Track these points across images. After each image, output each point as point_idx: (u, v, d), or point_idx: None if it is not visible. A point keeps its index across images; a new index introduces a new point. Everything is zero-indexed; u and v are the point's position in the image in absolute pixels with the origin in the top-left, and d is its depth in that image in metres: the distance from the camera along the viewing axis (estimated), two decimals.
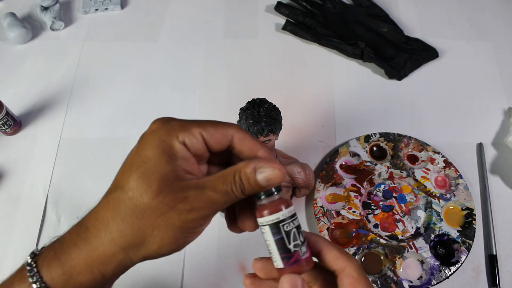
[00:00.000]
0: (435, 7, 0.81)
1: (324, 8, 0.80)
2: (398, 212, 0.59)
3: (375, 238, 0.56)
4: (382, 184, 0.61)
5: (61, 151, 0.64)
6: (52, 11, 0.76)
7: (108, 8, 0.79)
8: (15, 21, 0.74)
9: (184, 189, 0.24)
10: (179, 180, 0.24)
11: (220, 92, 0.70)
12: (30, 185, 0.61)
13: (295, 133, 0.66)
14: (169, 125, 0.26)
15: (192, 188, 0.24)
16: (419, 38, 0.76)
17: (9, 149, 0.64)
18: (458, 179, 0.60)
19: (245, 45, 0.76)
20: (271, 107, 0.46)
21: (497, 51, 0.76)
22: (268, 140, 0.47)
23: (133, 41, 0.76)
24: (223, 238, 0.58)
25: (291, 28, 0.76)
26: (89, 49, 0.75)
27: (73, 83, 0.71)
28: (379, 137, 0.64)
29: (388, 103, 0.70)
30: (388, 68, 0.71)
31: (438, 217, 0.58)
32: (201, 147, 0.26)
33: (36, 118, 0.67)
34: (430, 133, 0.66)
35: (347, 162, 0.63)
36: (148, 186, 0.24)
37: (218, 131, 0.26)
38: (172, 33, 0.77)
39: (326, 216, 0.58)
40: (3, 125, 0.62)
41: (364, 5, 0.79)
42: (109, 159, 0.63)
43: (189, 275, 0.55)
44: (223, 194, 0.24)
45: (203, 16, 0.79)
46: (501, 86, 0.72)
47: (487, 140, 0.66)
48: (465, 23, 0.79)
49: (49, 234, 0.57)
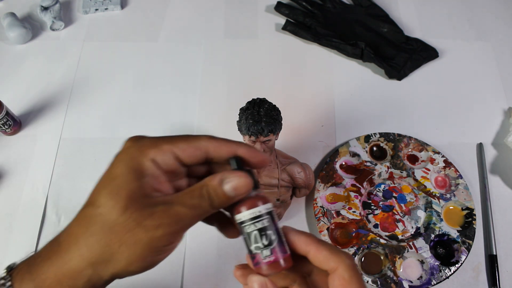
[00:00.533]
0: (435, 7, 0.81)
1: (324, 8, 0.80)
2: (398, 212, 0.59)
3: (375, 238, 0.56)
4: (382, 184, 0.61)
5: (61, 151, 0.64)
6: (52, 11, 0.76)
7: (108, 8, 0.79)
8: (15, 21, 0.74)
9: (152, 205, 0.24)
10: (147, 197, 0.24)
11: (220, 92, 0.70)
12: (30, 185, 0.61)
13: (295, 133, 0.66)
14: (140, 143, 0.26)
15: (160, 204, 0.24)
16: (419, 38, 0.75)
17: (9, 149, 0.64)
18: (458, 179, 0.60)
19: (245, 45, 0.76)
20: (271, 107, 0.46)
21: (497, 51, 0.76)
22: (268, 140, 0.47)
23: (133, 41, 0.76)
24: (223, 238, 0.57)
25: (291, 28, 0.76)
26: (89, 49, 0.75)
27: (73, 83, 0.71)
28: (379, 137, 0.64)
29: (388, 103, 0.70)
30: (388, 68, 0.71)
31: (438, 217, 0.58)
32: (173, 163, 0.26)
33: (36, 118, 0.67)
34: (430, 133, 0.66)
35: (347, 162, 0.63)
36: (116, 202, 0.24)
37: (190, 145, 0.26)
38: (172, 33, 0.77)
39: (326, 216, 0.58)
40: (3, 125, 0.62)
41: (364, 5, 0.79)
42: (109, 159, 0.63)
43: (189, 275, 0.55)
44: (191, 208, 0.24)
45: (203, 16, 0.79)
46: (501, 86, 0.72)
47: (487, 140, 0.66)
48: (465, 23, 0.79)
49: (49, 234, 0.58)
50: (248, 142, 0.47)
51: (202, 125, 0.67)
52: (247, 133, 0.46)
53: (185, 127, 0.67)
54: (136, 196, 0.24)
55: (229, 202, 0.25)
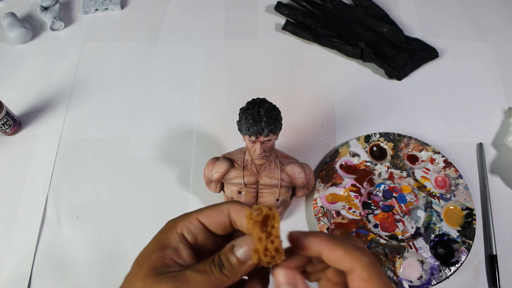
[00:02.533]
0: (435, 7, 0.81)
1: (324, 8, 0.80)
2: (398, 212, 0.59)
3: (375, 238, 0.56)
4: (382, 184, 0.61)
5: (61, 151, 0.64)
6: (52, 11, 0.76)
7: (108, 8, 0.79)
8: (15, 21, 0.74)
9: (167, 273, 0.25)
10: (166, 266, 0.25)
11: (220, 92, 0.70)
12: (30, 185, 0.61)
13: (295, 133, 0.66)
14: (175, 218, 0.28)
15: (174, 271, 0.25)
16: (419, 38, 0.75)
17: (9, 149, 0.65)
18: (458, 179, 0.60)
19: (245, 45, 0.76)
20: (271, 107, 0.46)
21: (497, 51, 0.76)
22: (268, 140, 0.47)
23: (133, 41, 0.76)
24: None
25: (291, 28, 0.76)
26: (89, 49, 0.75)
27: (73, 83, 0.71)
28: (379, 137, 0.64)
29: (388, 103, 0.70)
30: (388, 68, 0.71)
31: (438, 217, 0.58)
32: (200, 232, 0.27)
33: (36, 118, 0.67)
34: (430, 133, 0.66)
35: (347, 162, 0.63)
36: (139, 270, 0.25)
37: (213, 209, 0.27)
38: (172, 33, 0.77)
39: (326, 216, 0.58)
40: (3, 125, 0.62)
41: (364, 5, 0.79)
42: (109, 159, 0.63)
43: None
44: (200, 273, 0.24)
45: (203, 16, 0.79)
46: (501, 86, 0.72)
47: (487, 140, 0.66)
48: (465, 23, 0.79)
49: (49, 234, 0.58)
50: (248, 142, 0.47)
51: (202, 125, 0.67)
52: (247, 133, 0.46)
53: (185, 127, 0.67)
54: (157, 266, 0.25)
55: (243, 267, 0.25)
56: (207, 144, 0.65)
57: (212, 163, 0.53)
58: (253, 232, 0.24)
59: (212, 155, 0.56)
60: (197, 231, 0.27)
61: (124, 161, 0.63)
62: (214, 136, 0.66)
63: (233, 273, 0.25)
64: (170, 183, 0.62)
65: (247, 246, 0.25)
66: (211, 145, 0.65)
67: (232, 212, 0.27)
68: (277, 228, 0.24)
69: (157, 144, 0.65)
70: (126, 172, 0.62)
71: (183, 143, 0.65)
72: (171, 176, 0.62)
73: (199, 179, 0.61)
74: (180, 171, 0.63)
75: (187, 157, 0.64)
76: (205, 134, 0.66)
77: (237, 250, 0.25)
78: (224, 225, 0.27)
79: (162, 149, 0.65)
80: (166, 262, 0.25)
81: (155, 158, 0.64)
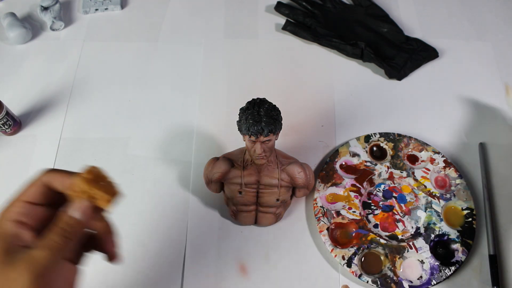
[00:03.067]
0: (435, 7, 0.81)
1: (324, 8, 0.80)
2: (398, 212, 0.59)
3: (375, 238, 0.56)
4: (382, 184, 0.61)
5: (61, 151, 0.64)
6: (52, 11, 0.76)
7: (108, 8, 0.79)
8: (15, 21, 0.74)
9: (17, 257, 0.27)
10: (14, 252, 0.27)
11: (220, 92, 0.70)
12: None
13: (295, 133, 0.66)
14: (2, 211, 0.29)
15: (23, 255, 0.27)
16: (419, 38, 0.75)
17: (9, 149, 0.65)
18: (458, 179, 0.60)
19: (245, 45, 0.76)
20: (271, 107, 0.46)
21: (497, 51, 0.76)
22: (268, 140, 0.47)
23: (133, 41, 0.76)
24: (223, 238, 0.58)
25: (291, 28, 0.76)
26: (89, 49, 0.75)
27: (73, 83, 0.71)
28: (379, 137, 0.64)
29: (388, 103, 0.70)
30: (388, 68, 0.71)
31: (438, 217, 0.58)
32: (31, 209, 0.29)
33: (36, 118, 0.67)
34: (430, 133, 0.66)
35: (347, 162, 0.63)
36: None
37: (32, 186, 0.30)
38: (172, 33, 0.77)
39: (326, 216, 0.58)
40: (3, 125, 0.62)
41: (364, 5, 0.79)
42: (109, 159, 0.63)
43: (189, 275, 0.55)
44: (45, 248, 0.27)
45: (203, 16, 0.79)
46: (501, 86, 0.72)
47: (487, 140, 0.66)
48: (465, 23, 0.79)
49: None
50: (248, 142, 0.47)
51: (202, 125, 0.67)
52: (247, 133, 0.46)
53: (185, 127, 0.67)
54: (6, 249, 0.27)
55: (82, 227, 0.29)
56: (207, 144, 0.65)
57: (212, 163, 0.53)
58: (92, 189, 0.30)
59: (212, 155, 0.56)
60: (26, 210, 0.29)
61: (124, 161, 0.63)
62: (214, 136, 0.66)
63: (74, 234, 0.28)
64: (170, 183, 0.62)
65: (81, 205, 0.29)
66: (211, 145, 0.65)
67: (56, 183, 0.30)
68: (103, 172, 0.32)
69: (157, 144, 0.65)
70: (126, 172, 0.62)
71: (183, 143, 0.65)
72: (171, 176, 0.62)
73: (199, 179, 0.61)
74: (180, 171, 0.63)
75: (187, 157, 0.64)
76: (205, 134, 0.66)
77: (73, 212, 0.28)
78: (46, 195, 0.30)
79: (162, 149, 0.65)
80: (11, 247, 0.27)
81: (155, 158, 0.64)
